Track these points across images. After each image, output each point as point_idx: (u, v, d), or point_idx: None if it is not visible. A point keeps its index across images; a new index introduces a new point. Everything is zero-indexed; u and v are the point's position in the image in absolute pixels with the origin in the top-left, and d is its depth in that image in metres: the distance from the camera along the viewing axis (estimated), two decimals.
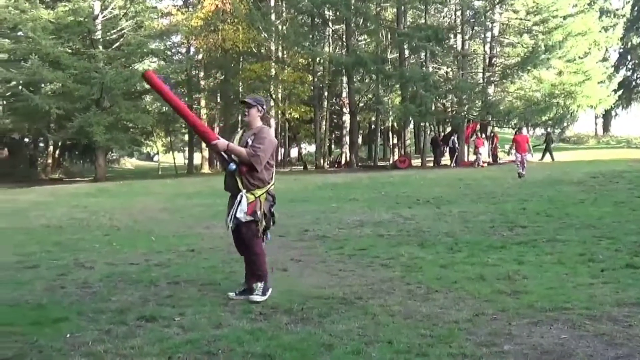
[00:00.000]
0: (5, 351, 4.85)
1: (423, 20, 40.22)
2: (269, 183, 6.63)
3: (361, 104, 46.38)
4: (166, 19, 45.19)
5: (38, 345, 4.97)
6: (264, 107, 6.84)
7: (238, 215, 6.41)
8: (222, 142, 6.42)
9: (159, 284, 7.31)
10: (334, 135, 60.28)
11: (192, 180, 32.74)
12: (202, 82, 49.07)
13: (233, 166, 6.41)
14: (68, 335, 5.24)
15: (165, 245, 10.57)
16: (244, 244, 6.69)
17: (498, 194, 17.37)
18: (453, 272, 7.68)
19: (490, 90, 40.47)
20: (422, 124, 44.25)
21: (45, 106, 35.36)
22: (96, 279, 7.73)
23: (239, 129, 7.26)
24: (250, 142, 6.50)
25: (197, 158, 51.13)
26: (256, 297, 6.48)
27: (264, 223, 6.61)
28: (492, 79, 40.59)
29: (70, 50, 36.58)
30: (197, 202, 18.81)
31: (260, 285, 6.59)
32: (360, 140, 52.61)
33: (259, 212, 6.50)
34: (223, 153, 6.44)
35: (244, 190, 6.45)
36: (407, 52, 40.21)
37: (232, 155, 6.43)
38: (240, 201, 6.42)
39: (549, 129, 46.74)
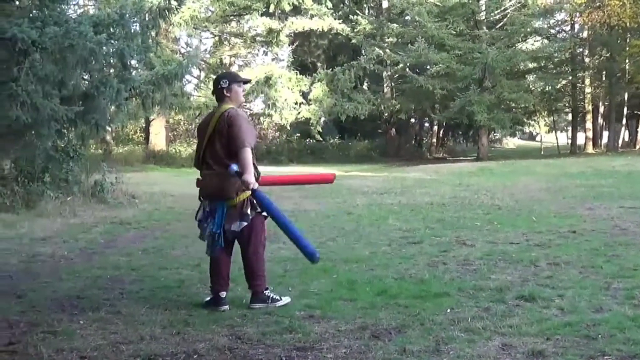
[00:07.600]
0: (391, 321, 5.13)
1: None
2: None
3: None
4: None
5: (420, 318, 5.17)
6: (223, 83, 5.58)
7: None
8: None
9: (539, 264, 7.16)
10: None
11: (575, 160, 31.54)
12: (587, 60, 47.08)
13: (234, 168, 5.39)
14: (448, 310, 5.37)
15: (546, 225, 10.33)
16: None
17: None
18: None
19: None
20: None
21: (429, 87, 36.95)
22: (476, 256, 7.81)
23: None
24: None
25: (580, 138, 49.26)
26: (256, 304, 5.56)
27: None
28: None
29: (454, 32, 37.59)
30: (580, 183, 18.10)
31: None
32: None
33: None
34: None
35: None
36: None
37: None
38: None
39: None
